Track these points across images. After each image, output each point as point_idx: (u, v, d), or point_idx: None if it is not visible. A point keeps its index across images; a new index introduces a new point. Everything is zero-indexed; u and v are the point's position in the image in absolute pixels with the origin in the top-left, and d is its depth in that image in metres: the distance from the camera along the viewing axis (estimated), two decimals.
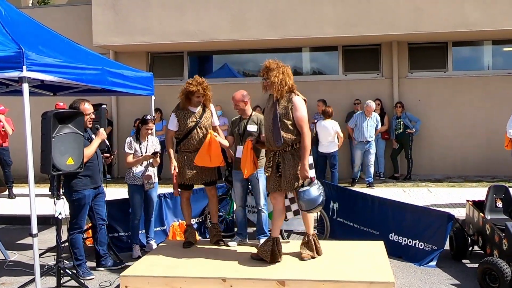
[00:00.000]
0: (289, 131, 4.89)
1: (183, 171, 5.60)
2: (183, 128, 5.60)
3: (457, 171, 11.21)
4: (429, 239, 5.78)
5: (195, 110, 5.64)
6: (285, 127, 4.89)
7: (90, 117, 5.41)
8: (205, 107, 5.68)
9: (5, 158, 9.64)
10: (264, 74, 5.01)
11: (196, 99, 5.57)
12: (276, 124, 4.88)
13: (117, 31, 11.11)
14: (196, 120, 5.58)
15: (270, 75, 4.92)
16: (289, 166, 4.90)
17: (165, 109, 11.41)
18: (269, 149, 5.07)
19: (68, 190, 5.25)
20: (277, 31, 10.73)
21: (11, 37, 4.72)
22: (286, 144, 4.90)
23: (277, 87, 4.89)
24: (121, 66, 6.56)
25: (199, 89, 5.49)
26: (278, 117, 4.89)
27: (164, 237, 6.68)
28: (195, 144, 5.54)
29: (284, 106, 4.92)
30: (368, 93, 11.34)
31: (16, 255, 6.37)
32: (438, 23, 10.33)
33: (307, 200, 4.82)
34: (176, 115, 5.64)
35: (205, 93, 5.55)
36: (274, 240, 5.07)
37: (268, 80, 4.95)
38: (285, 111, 4.91)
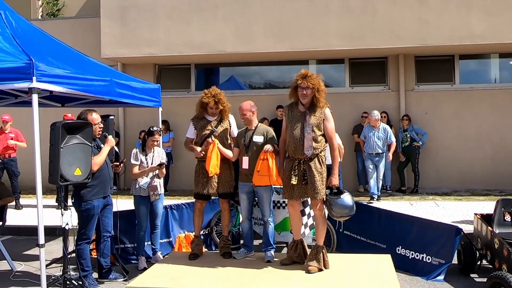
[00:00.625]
0: (318, 141, 5.06)
1: (198, 180, 5.64)
2: (199, 136, 5.65)
3: (464, 185, 11.14)
4: (436, 253, 5.73)
5: (211, 119, 5.68)
6: (315, 137, 5.04)
7: (98, 126, 5.44)
8: (222, 117, 5.70)
9: (13, 169, 9.68)
10: (303, 82, 4.99)
11: (210, 110, 5.63)
12: (309, 133, 5.01)
13: (124, 43, 11.20)
14: (212, 129, 5.61)
15: (315, 83, 5.00)
16: (316, 173, 5.06)
17: (171, 121, 11.47)
18: (294, 157, 5.14)
19: (78, 200, 5.26)
20: (283, 44, 10.78)
21: (21, 48, 4.76)
22: (314, 153, 5.05)
23: (322, 95, 5.05)
24: (129, 78, 6.61)
25: (210, 101, 5.53)
26: (311, 126, 5.03)
27: (170, 249, 6.66)
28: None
29: (317, 116, 5.08)
30: (375, 106, 11.30)
31: (22, 265, 6.37)
32: (444, 36, 10.34)
33: (344, 207, 5.03)
34: (193, 123, 5.73)
35: (217, 105, 5.57)
36: (300, 242, 5.33)
37: (309, 89, 4.99)
38: (318, 121, 5.07)
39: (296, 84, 5.08)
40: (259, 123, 5.76)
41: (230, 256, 5.67)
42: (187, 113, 11.38)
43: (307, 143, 5.02)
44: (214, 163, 5.42)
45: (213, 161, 5.41)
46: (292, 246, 5.42)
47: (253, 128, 5.62)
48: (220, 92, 5.64)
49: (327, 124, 5.10)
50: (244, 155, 5.54)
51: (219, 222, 6.71)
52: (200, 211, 5.79)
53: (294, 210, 5.33)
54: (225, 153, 5.60)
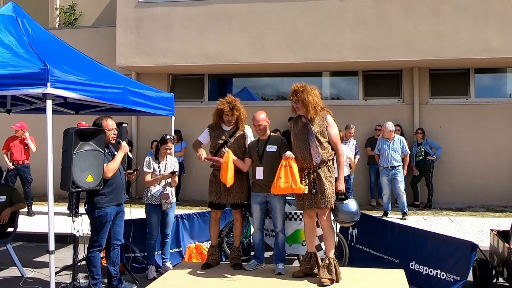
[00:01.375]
0: (324, 148, 5.14)
1: (211, 189, 5.62)
2: (212, 145, 5.62)
3: (479, 200, 10.96)
4: (451, 269, 5.58)
5: (226, 129, 5.66)
6: (320, 144, 5.11)
7: (113, 133, 5.43)
8: (237, 128, 5.67)
9: (26, 175, 9.73)
10: (293, 97, 5.21)
11: (226, 118, 5.59)
12: (314, 141, 5.09)
13: (139, 52, 11.29)
14: (226, 139, 5.58)
15: (302, 97, 5.13)
16: (326, 182, 5.10)
17: (184, 130, 11.47)
18: (303, 167, 5.18)
19: (91, 207, 5.24)
20: (297, 55, 10.77)
21: (37, 55, 4.80)
22: (322, 160, 5.11)
23: (312, 106, 5.12)
24: (143, 86, 6.62)
25: (225, 107, 5.52)
26: (315, 135, 5.11)
27: (180, 259, 6.61)
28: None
29: (319, 124, 5.18)
30: (388, 119, 11.14)
31: (32, 272, 6.36)
32: (460, 49, 10.25)
33: (348, 213, 5.13)
34: (208, 130, 5.74)
35: (232, 112, 5.55)
36: (314, 254, 5.32)
37: (299, 102, 5.15)
38: (321, 129, 5.16)
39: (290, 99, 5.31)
40: (271, 133, 5.72)
41: (241, 268, 5.60)
42: (200, 123, 11.44)
43: (314, 151, 5.10)
44: (231, 174, 5.38)
45: (230, 173, 5.36)
46: (306, 258, 5.35)
47: (266, 138, 5.59)
48: (236, 99, 5.63)
49: (330, 131, 5.20)
50: (258, 166, 5.49)
51: (229, 233, 6.64)
52: (215, 220, 5.75)
53: (311, 220, 5.32)
54: (238, 164, 5.56)
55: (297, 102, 5.19)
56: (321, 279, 5.07)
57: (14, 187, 7.11)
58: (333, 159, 5.26)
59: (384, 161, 9.47)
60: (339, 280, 5.10)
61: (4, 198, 6.28)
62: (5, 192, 6.34)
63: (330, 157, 5.18)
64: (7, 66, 4.65)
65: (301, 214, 5.98)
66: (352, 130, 10.22)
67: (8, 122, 10.58)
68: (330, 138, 5.19)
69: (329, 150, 5.19)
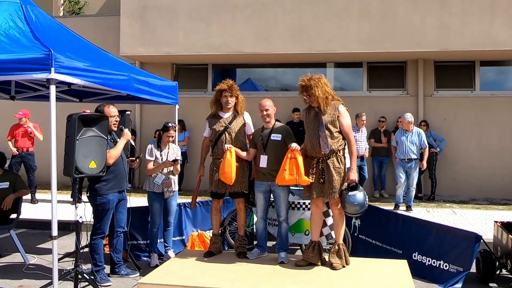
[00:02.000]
0: (334, 138, 5.11)
1: (212, 179, 5.59)
2: (213, 134, 5.60)
3: (483, 193, 10.93)
4: (454, 260, 5.58)
5: (225, 116, 5.62)
6: (330, 134, 5.09)
7: (115, 120, 5.42)
8: (236, 114, 5.65)
9: (30, 163, 9.75)
10: (303, 93, 5.20)
11: (224, 100, 5.56)
12: (323, 131, 5.06)
13: (143, 42, 11.25)
14: (225, 125, 5.56)
15: (311, 92, 5.11)
16: (334, 172, 5.09)
17: (187, 120, 11.46)
18: (312, 156, 5.18)
19: (93, 194, 5.24)
20: (301, 46, 10.71)
21: (41, 40, 4.76)
22: (332, 151, 5.09)
23: (322, 100, 5.10)
24: (147, 74, 6.59)
25: (223, 86, 5.54)
26: (325, 124, 5.07)
27: (182, 247, 6.62)
28: (223, 150, 5.49)
29: (331, 113, 5.15)
30: (392, 111, 11.20)
31: (35, 258, 6.39)
32: (465, 42, 10.18)
33: (354, 204, 5.07)
34: (208, 121, 5.72)
35: (231, 92, 5.53)
36: (318, 243, 5.33)
37: (310, 97, 5.15)
38: (332, 118, 5.14)
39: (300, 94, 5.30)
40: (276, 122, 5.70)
41: (244, 256, 5.60)
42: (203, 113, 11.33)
43: (323, 141, 5.07)
44: (234, 174, 5.34)
45: (233, 172, 5.32)
46: (309, 246, 5.36)
47: (271, 127, 5.56)
48: (234, 83, 5.62)
49: (342, 120, 5.16)
50: (263, 154, 5.48)
51: (232, 222, 6.65)
52: (216, 209, 5.74)
53: (318, 209, 5.34)
54: (240, 155, 5.54)
55: (307, 97, 5.19)
56: (332, 264, 5.19)
57: (17, 174, 7.12)
58: (344, 149, 5.24)
59: (401, 153, 9.20)
60: (348, 264, 5.25)
61: (7, 184, 6.29)
62: (8, 179, 6.35)
63: (340, 147, 5.16)
64: (11, 52, 4.62)
65: (304, 204, 5.98)
66: (364, 117, 10.17)
67: (12, 109, 10.63)
68: (342, 128, 5.16)
69: (340, 140, 5.16)
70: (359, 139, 9.92)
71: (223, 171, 5.33)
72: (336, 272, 5.11)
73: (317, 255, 5.32)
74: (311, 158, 5.21)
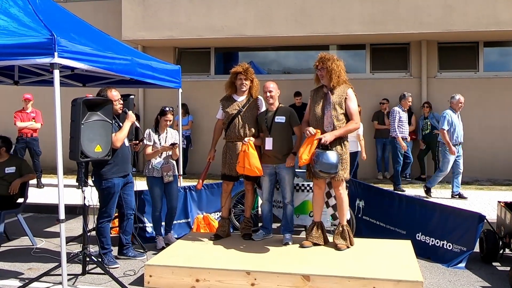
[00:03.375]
0: (339, 120, 5.15)
1: (225, 161, 5.62)
2: (226, 117, 5.62)
3: (486, 174, 10.95)
4: (457, 240, 5.63)
5: (239, 99, 5.63)
6: (336, 115, 5.12)
7: (118, 103, 5.43)
8: (250, 97, 5.66)
9: (35, 148, 9.81)
10: (320, 64, 5.23)
11: (239, 83, 5.57)
12: (330, 110, 5.11)
13: (145, 25, 11.20)
14: (239, 108, 5.56)
15: (327, 64, 5.16)
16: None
17: (190, 104, 11.47)
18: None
19: (98, 178, 5.28)
20: (304, 28, 10.65)
21: (43, 23, 4.74)
22: None
23: (335, 74, 5.14)
24: (150, 58, 6.58)
25: (238, 69, 5.54)
26: (332, 104, 5.11)
27: (188, 230, 6.68)
28: (236, 133, 5.52)
29: (339, 95, 5.19)
30: (396, 93, 11.12)
31: (43, 242, 6.46)
32: (469, 22, 10.10)
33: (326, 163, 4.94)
34: (221, 103, 5.73)
35: (246, 76, 5.54)
36: (320, 224, 5.40)
37: (324, 70, 5.17)
38: (340, 100, 5.17)
39: (315, 67, 5.31)
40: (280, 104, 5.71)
41: (250, 238, 5.66)
42: (206, 96, 11.49)
43: (327, 119, 5.11)
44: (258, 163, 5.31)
45: (256, 162, 5.29)
46: (312, 227, 5.40)
47: (274, 109, 5.57)
48: (249, 66, 5.63)
49: (349, 103, 5.19)
50: (267, 136, 5.49)
51: (237, 205, 6.69)
52: (227, 192, 5.77)
53: (320, 191, 5.38)
54: (259, 144, 5.56)
55: (322, 70, 5.20)
56: (337, 245, 5.26)
57: (23, 159, 7.17)
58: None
59: (458, 137, 8.49)
60: (352, 245, 5.32)
61: (13, 169, 6.34)
62: (15, 163, 6.40)
63: None
64: (14, 35, 4.61)
65: (308, 186, 6.02)
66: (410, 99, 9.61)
67: (15, 94, 10.65)
68: (348, 110, 5.18)
69: (344, 122, 5.19)
70: (405, 120, 9.27)
71: (249, 165, 5.26)
72: (341, 253, 5.17)
73: (321, 235, 5.38)
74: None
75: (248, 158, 5.26)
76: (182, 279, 4.74)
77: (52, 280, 4.85)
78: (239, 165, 5.32)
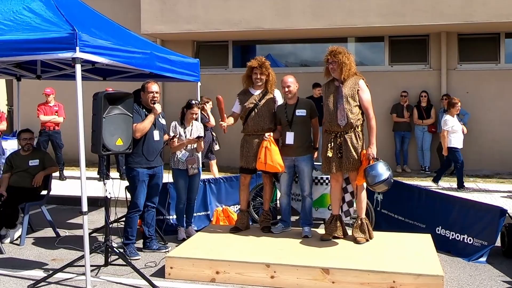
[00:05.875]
0: (353, 112, 5.11)
1: (243, 154, 5.65)
2: (243, 110, 5.65)
3: (507, 167, 10.79)
4: (478, 234, 5.57)
5: (255, 93, 5.65)
6: (349, 108, 5.09)
7: (152, 96, 5.52)
8: (267, 91, 5.66)
9: (57, 141, 9.99)
10: (331, 57, 5.19)
11: (255, 76, 5.58)
12: (342, 103, 5.08)
13: (164, 19, 11.25)
14: (255, 102, 5.58)
15: (338, 58, 5.12)
16: (352, 148, 5.11)
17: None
18: (330, 130, 5.21)
19: (126, 167, 5.50)
20: (321, 20, 10.59)
21: (65, 18, 4.80)
22: (349, 125, 5.10)
23: (347, 67, 5.10)
24: (168, 52, 6.62)
25: (254, 63, 5.54)
26: (345, 97, 5.08)
27: (207, 222, 6.74)
28: (252, 126, 5.56)
29: (351, 87, 5.15)
30: (415, 85, 11.08)
31: (66, 233, 6.59)
32: (490, 13, 9.92)
33: (372, 175, 4.99)
34: (238, 97, 5.75)
35: (261, 70, 5.54)
36: (338, 217, 5.37)
37: (335, 63, 5.14)
38: (352, 92, 5.14)
39: (325, 61, 5.29)
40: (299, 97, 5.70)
41: (269, 231, 5.69)
42: (224, 90, 11.47)
43: (340, 113, 5.08)
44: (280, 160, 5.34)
45: (278, 158, 5.32)
46: (331, 221, 5.41)
47: (295, 103, 5.57)
48: (266, 60, 5.62)
49: (362, 95, 5.16)
50: (288, 131, 5.49)
51: (256, 197, 6.73)
52: (244, 185, 5.80)
53: (337, 184, 5.37)
54: (276, 137, 5.58)
55: (333, 63, 5.17)
56: (356, 238, 5.25)
57: (46, 151, 7.28)
58: (363, 125, 5.23)
59: None
60: (371, 238, 5.31)
61: (37, 162, 6.45)
62: (38, 156, 6.52)
63: (358, 122, 5.16)
64: (37, 30, 4.70)
65: (327, 179, 6.02)
66: None
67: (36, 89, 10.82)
68: (362, 102, 5.15)
69: (358, 114, 5.16)
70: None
71: (271, 161, 5.29)
72: (360, 246, 5.17)
73: (340, 228, 5.38)
74: (329, 132, 5.23)
75: (270, 155, 5.28)
76: (203, 271, 4.80)
77: (75, 271, 4.94)
78: (260, 161, 5.33)
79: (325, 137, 5.30)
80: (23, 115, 8.23)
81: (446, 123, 8.65)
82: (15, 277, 4.92)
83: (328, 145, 5.19)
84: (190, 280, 4.78)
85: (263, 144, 5.36)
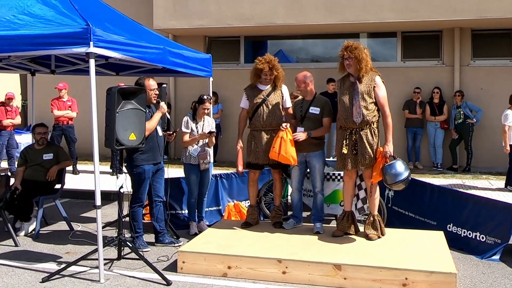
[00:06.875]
0: (368, 109, 5.06)
1: (250, 149, 5.65)
2: (250, 105, 5.64)
3: None
4: (491, 232, 5.53)
5: (264, 88, 5.65)
6: (365, 104, 5.04)
7: (154, 93, 5.52)
8: (275, 87, 5.67)
9: (71, 135, 10.08)
10: (347, 53, 5.10)
11: (264, 77, 5.59)
12: (358, 100, 5.03)
13: (176, 15, 11.28)
14: (264, 97, 5.58)
15: (355, 53, 5.04)
16: (367, 144, 5.08)
17: (220, 92, 11.53)
18: (345, 127, 5.18)
19: (130, 165, 5.44)
20: (334, 16, 10.54)
21: (79, 13, 4.83)
22: (365, 122, 5.06)
23: (364, 62, 5.03)
24: (181, 47, 6.64)
25: (265, 67, 5.51)
26: (361, 93, 5.03)
27: (219, 217, 6.77)
28: (261, 122, 5.55)
29: (367, 84, 5.10)
30: (427, 81, 11.00)
31: (79, 226, 6.65)
32: (504, 8, 9.80)
33: (392, 174, 4.99)
34: (245, 92, 5.73)
35: (271, 72, 5.54)
36: (350, 213, 5.36)
37: (351, 59, 5.06)
38: (368, 88, 5.08)
39: (341, 56, 5.20)
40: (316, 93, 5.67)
41: (280, 226, 5.70)
42: (236, 85, 11.50)
43: (356, 110, 5.04)
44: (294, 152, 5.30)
45: (292, 151, 5.28)
46: (343, 217, 5.40)
47: (311, 99, 5.56)
48: (275, 59, 5.61)
49: (378, 92, 5.11)
50: (299, 126, 5.49)
51: (267, 193, 6.74)
52: (253, 181, 5.81)
53: (350, 180, 5.34)
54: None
55: (349, 59, 5.09)
56: (368, 235, 5.24)
57: (60, 146, 7.35)
58: (378, 122, 5.20)
59: None
60: (383, 235, 5.30)
61: (51, 156, 6.52)
62: (52, 150, 6.58)
63: (374, 119, 5.12)
64: (51, 24, 4.72)
65: (339, 175, 6.01)
66: None
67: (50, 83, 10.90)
68: (378, 99, 5.11)
69: (374, 111, 5.12)
70: None
71: (285, 152, 5.25)
72: (372, 243, 5.16)
73: (351, 224, 5.37)
74: (344, 129, 5.20)
75: (285, 146, 5.26)
76: (215, 266, 4.82)
77: (89, 264, 4.99)
78: (273, 151, 5.31)
79: (340, 133, 5.26)
80: (37, 110, 8.31)
81: (507, 118, 8.33)
82: (29, 269, 4.98)
83: (343, 142, 5.15)
84: (202, 275, 4.81)
85: (279, 134, 5.34)
